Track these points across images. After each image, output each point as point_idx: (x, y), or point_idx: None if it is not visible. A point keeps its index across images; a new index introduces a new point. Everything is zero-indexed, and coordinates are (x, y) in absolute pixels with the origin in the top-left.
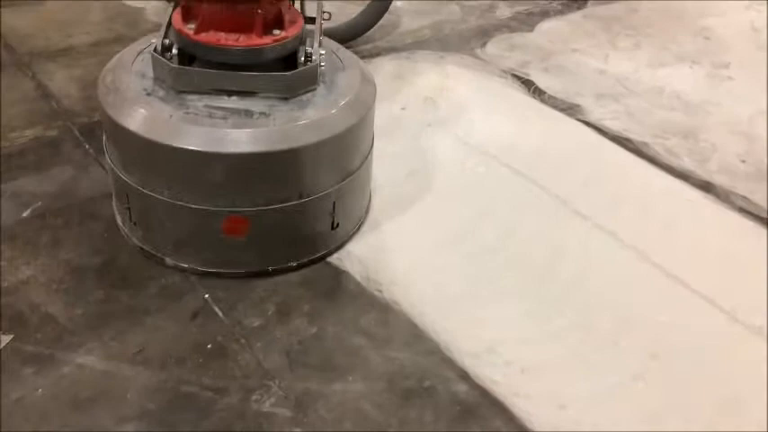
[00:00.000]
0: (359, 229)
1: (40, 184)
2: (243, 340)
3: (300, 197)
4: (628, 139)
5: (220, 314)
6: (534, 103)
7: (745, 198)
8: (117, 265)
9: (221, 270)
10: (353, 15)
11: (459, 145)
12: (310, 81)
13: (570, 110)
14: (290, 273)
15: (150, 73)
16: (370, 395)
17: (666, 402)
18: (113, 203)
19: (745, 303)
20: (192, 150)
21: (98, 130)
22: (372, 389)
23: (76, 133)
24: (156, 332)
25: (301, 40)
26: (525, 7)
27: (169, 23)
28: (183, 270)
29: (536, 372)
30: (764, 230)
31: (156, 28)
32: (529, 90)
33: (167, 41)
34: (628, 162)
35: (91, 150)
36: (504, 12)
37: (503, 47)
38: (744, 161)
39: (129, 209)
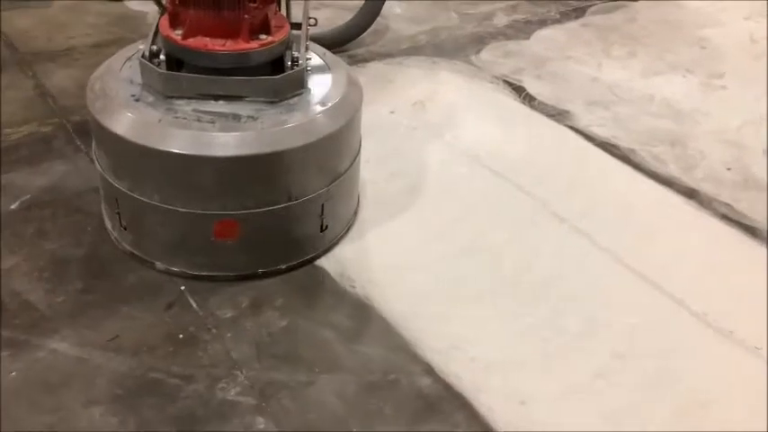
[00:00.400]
0: (348, 231)
1: (30, 177)
2: (214, 330)
3: (289, 200)
4: (615, 146)
5: (194, 305)
6: (523, 109)
7: (728, 205)
8: (98, 258)
9: (212, 273)
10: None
11: (444, 148)
12: (297, 85)
13: (559, 116)
14: (280, 275)
15: (138, 79)
16: (335, 387)
17: (626, 402)
18: (102, 207)
19: (717, 308)
20: (180, 154)
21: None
22: (337, 381)
23: (70, 130)
24: (130, 321)
25: (288, 44)
26: (523, 16)
27: (156, 30)
28: (174, 274)
29: (500, 368)
30: (746, 237)
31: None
32: (519, 96)
33: (155, 47)
34: (612, 168)
35: (82, 147)
36: (501, 20)
37: (497, 54)
38: (730, 169)
39: (118, 214)
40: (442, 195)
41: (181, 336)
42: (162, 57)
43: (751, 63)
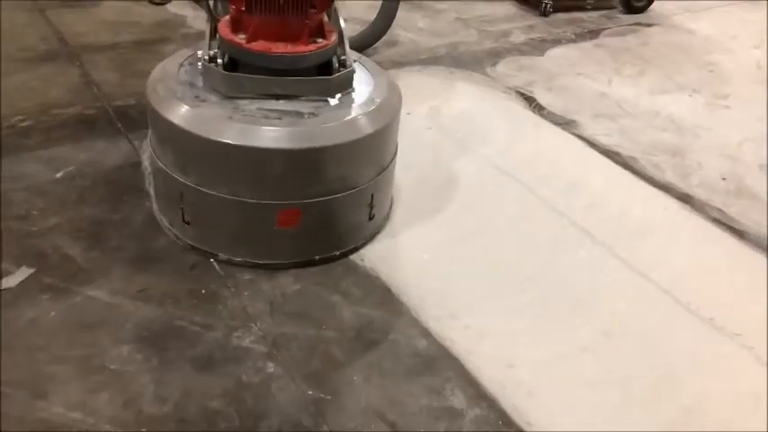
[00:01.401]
0: (388, 220)
1: (73, 152)
2: (233, 289)
3: (346, 189)
4: (617, 153)
5: (217, 267)
6: (533, 117)
7: (720, 210)
8: (132, 222)
9: (273, 261)
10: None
11: (455, 146)
12: (348, 84)
13: (566, 125)
14: (334, 262)
15: (197, 82)
16: (339, 341)
17: (609, 374)
18: (154, 207)
19: (701, 298)
20: (254, 147)
21: (131, 111)
22: (342, 337)
23: (111, 114)
24: (158, 277)
25: (335, 48)
26: (540, 35)
27: (212, 35)
28: (236, 264)
29: (492, 337)
30: (734, 239)
31: (195, 33)
32: (530, 105)
33: (214, 52)
34: (613, 172)
35: (122, 128)
36: (518, 38)
37: (512, 67)
38: (725, 179)
39: (182, 209)
40: (451, 186)
41: (203, 291)
42: (220, 60)
43: (755, 87)
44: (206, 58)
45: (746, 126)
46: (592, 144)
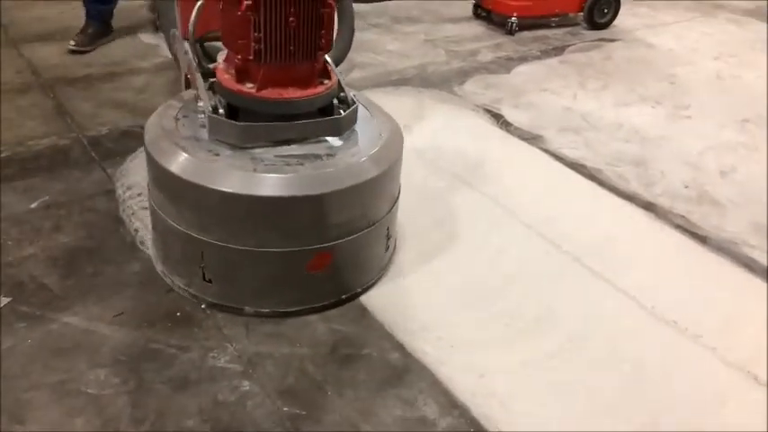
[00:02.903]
0: (395, 249)
1: (49, 182)
2: (208, 311)
3: (369, 225)
4: (583, 166)
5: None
6: (500, 133)
7: (683, 217)
8: (107, 249)
9: (301, 308)
10: None
11: (425, 163)
12: (353, 121)
13: (533, 139)
14: (357, 298)
15: (200, 135)
16: (314, 357)
17: (577, 379)
18: (158, 268)
19: (666, 302)
20: (288, 197)
21: (104, 140)
22: (316, 353)
23: (85, 143)
24: (134, 301)
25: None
26: (506, 53)
27: (213, 87)
28: (264, 315)
29: (463, 347)
30: (696, 245)
31: (165, 61)
32: (497, 122)
33: (214, 103)
34: (578, 184)
35: (96, 157)
36: (485, 56)
37: (479, 85)
38: (687, 187)
39: (202, 268)
40: (422, 202)
41: (179, 314)
42: (222, 110)
43: (716, 97)
44: (209, 109)
45: (707, 135)
46: (558, 157)
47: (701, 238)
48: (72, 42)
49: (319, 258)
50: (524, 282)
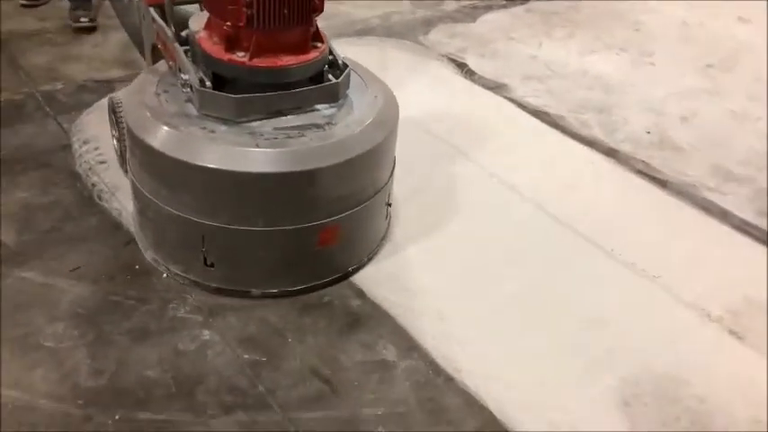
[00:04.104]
0: (390, 216)
1: (3, 137)
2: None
3: (374, 192)
4: (546, 113)
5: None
6: (464, 82)
7: (644, 162)
8: (63, 204)
9: (312, 284)
10: None
11: None
12: (348, 85)
13: (497, 88)
14: (364, 268)
15: (189, 111)
16: (275, 307)
17: (536, 321)
18: (148, 257)
19: (624, 245)
20: (299, 172)
21: (58, 95)
22: (277, 303)
23: (39, 98)
24: (92, 255)
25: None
26: (471, 2)
27: (194, 57)
28: (272, 296)
29: (424, 293)
30: (656, 189)
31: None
32: (461, 71)
33: (200, 75)
34: (541, 131)
35: (50, 112)
36: (450, 5)
37: (444, 35)
38: (649, 132)
39: (203, 252)
40: None
41: (137, 267)
42: (208, 82)
43: (680, 44)
44: (197, 82)
45: (670, 81)
46: (521, 105)
47: (662, 182)
48: None
49: (330, 232)
50: (485, 230)
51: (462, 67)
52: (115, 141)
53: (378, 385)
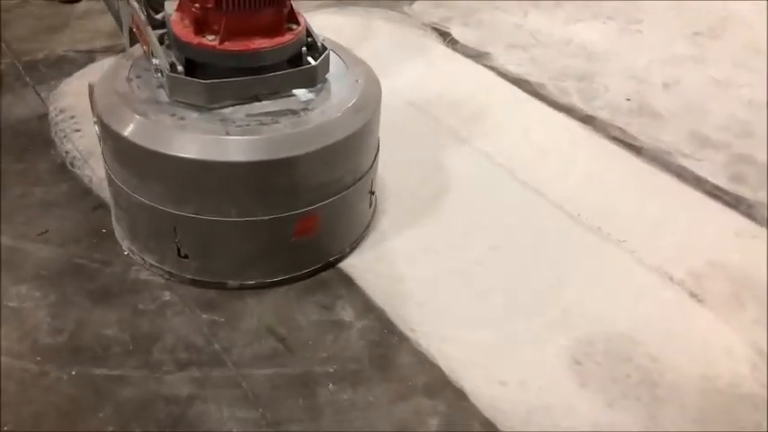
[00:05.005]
0: (375, 204)
1: None
2: None
3: (355, 180)
4: (526, 81)
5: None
6: (446, 51)
7: (620, 129)
8: (36, 170)
9: (289, 275)
10: None
11: None
12: (327, 68)
13: (479, 57)
14: (345, 259)
15: (160, 97)
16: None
17: (496, 284)
18: (124, 247)
19: (592, 210)
20: (270, 161)
21: (39, 66)
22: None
23: (20, 68)
24: (60, 220)
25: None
26: None
27: (161, 41)
28: (248, 288)
29: (387, 258)
30: (630, 155)
31: None
32: (444, 40)
33: (171, 60)
34: (519, 99)
35: (30, 81)
36: None
37: (429, 4)
38: (629, 99)
39: (177, 243)
40: None
41: (104, 231)
42: (180, 67)
43: (669, 10)
44: (167, 68)
45: (656, 48)
46: (501, 74)
47: (636, 149)
48: None
49: (307, 222)
50: (454, 195)
51: (446, 37)
52: (95, 126)
53: (332, 344)
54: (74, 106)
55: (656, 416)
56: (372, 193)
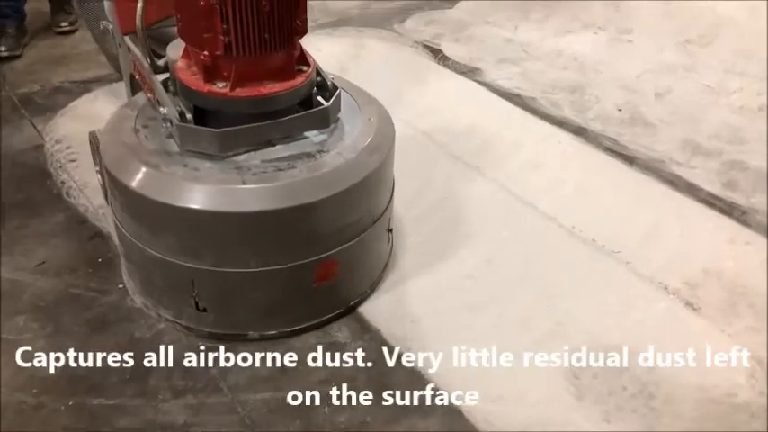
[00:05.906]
0: (392, 241)
1: None
2: None
3: (373, 221)
4: (517, 96)
5: (114, 238)
6: (437, 68)
7: (612, 139)
8: (34, 200)
9: (310, 323)
10: None
11: None
12: (339, 108)
13: (470, 73)
14: (366, 302)
15: (169, 148)
16: None
17: (488, 298)
18: (137, 302)
19: (585, 222)
20: (291, 208)
21: (35, 97)
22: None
23: (16, 100)
24: (57, 250)
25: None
26: None
27: (174, 86)
28: (269, 338)
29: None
30: (623, 165)
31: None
32: (435, 58)
33: (180, 108)
34: (510, 113)
35: (26, 114)
36: None
37: (421, 22)
38: (620, 110)
39: (194, 297)
40: None
41: (100, 260)
42: (189, 116)
43: (660, 20)
44: (177, 117)
45: (647, 58)
46: (493, 89)
47: (629, 159)
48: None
49: (328, 266)
50: (447, 211)
51: (436, 54)
52: (99, 176)
53: (328, 365)
54: (69, 137)
55: (654, 427)
56: (390, 230)
